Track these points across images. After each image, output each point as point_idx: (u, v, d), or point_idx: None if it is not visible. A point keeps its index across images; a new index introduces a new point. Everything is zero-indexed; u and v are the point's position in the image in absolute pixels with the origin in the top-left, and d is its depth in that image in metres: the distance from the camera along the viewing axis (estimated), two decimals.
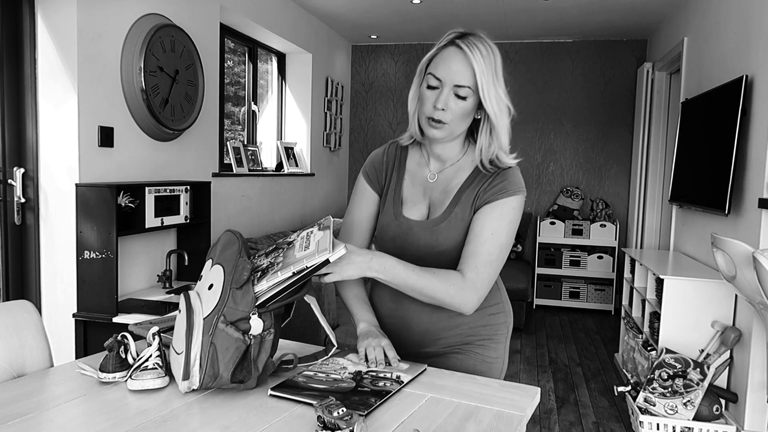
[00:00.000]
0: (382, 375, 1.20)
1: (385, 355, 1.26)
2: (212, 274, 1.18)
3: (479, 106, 1.28)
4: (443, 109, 1.25)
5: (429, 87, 1.27)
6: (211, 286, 1.15)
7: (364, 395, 1.10)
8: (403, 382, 1.17)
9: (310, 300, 1.25)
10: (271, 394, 1.12)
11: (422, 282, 1.23)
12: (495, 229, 1.27)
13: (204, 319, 1.10)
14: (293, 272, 1.11)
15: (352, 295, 1.42)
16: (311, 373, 1.20)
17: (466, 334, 1.37)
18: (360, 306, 1.40)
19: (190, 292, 1.20)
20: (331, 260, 1.12)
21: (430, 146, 1.38)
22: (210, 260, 1.20)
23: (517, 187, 1.30)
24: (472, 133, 1.37)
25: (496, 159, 1.32)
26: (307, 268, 1.12)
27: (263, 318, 1.13)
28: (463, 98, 1.25)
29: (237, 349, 1.10)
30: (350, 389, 1.13)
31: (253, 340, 1.12)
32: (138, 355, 1.20)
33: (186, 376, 1.09)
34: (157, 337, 1.18)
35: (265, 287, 1.13)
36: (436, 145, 1.35)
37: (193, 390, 1.12)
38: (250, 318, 1.11)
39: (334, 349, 1.29)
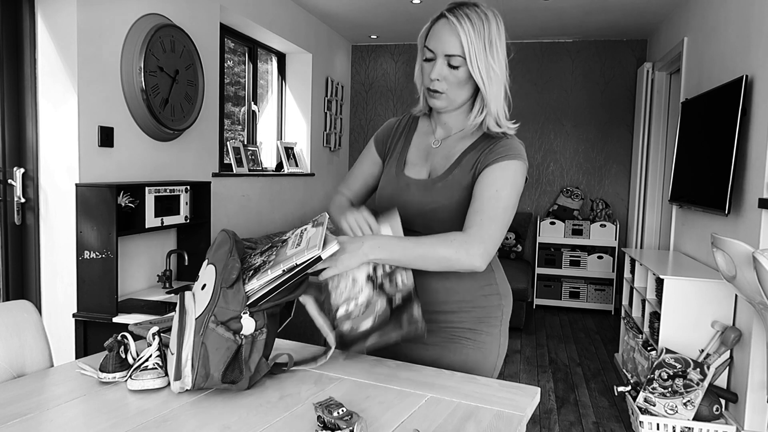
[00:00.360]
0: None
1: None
2: (206, 274, 1.17)
3: None
4: (438, 80, 1.30)
5: (425, 60, 1.33)
6: (204, 286, 1.15)
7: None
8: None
9: (305, 300, 1.23)
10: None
11: (422, 247, 1.21)
12: (498, 187, 1.27)
13: (195, 319, 1.10)
14: (283, 270, 1.10)
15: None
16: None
17: (458, 316, 1.36)
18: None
19: (186, 292, 1.20)
20: (323, 257, 1.11)
21: (437, 115, 1.43)
22: (206, 260, 1.21)
23: (517, 152, 1.32)
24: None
25: (487, 128, 1.35)
26: (297, 265, 1.10)
27: (255, 317, 1.12)
28: (456, 67, 1.29)
29: (228, 349, 1.09)
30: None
31: (244, 340, 1.11)
32: (138, 355, 1.20)
33: (178, 376, 1.08)
34: (157, 337, 1.18)
35: (256, 286, 1.12)
36: (443, 114, 1.40)
37: (187, 390, 1.11)
38: (241, 317, 1.11)
39: (332, 350, 1.29)
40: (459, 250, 1.20)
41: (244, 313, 1.11)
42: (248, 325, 1.11)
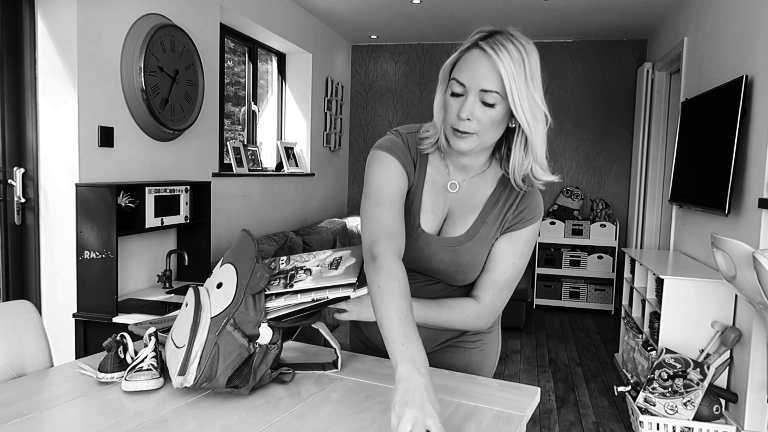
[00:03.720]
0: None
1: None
2: (222, 272, 1.16)
3: (511, 114, 1.14)
4: (469, 119, 1.12)
5: (453, 94, 1.13)
6: (220, 285, 1.14)
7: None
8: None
9: (319, 326, 1.25)
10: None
11: (439, 319, 1.25)
12: (516, 258, 1.26)
13: (212, 318, 1.09)
14: (313, 299, 1.13)
15: (394, 316, 1.02)
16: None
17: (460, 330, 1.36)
18: (404, 332, 0.99)
19: (200, 287, 1.19)
20: (352, 297, 1.13)
21: (455, 155, 1.23)
22: (223, 259, 1.20)
23: (539, 211, 1.27)
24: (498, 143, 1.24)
25: (531, 175, 1.19)
26: (327, 299, 1.13)
27: (273, 330, 1.12)
28: (491, 105, 1.11)
29: (239, 355, 1.08)
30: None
31: (258, 349, 1.11)
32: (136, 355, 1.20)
33: (183, 371, 1.06)
34: (153, 337, 1.18)
35: (281, 305, 1.13)
36: (465, 156, 1.22)
37: (186, 388, 1.09)
38: (260, 325, 1.10)
39: (337, 370, 1.27)
40: (472, 325, 1.27)
41: (262, 322, 1.11)
42: (266, 334, 1.11)
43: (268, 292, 1.16)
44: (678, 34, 4.32)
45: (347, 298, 1.13)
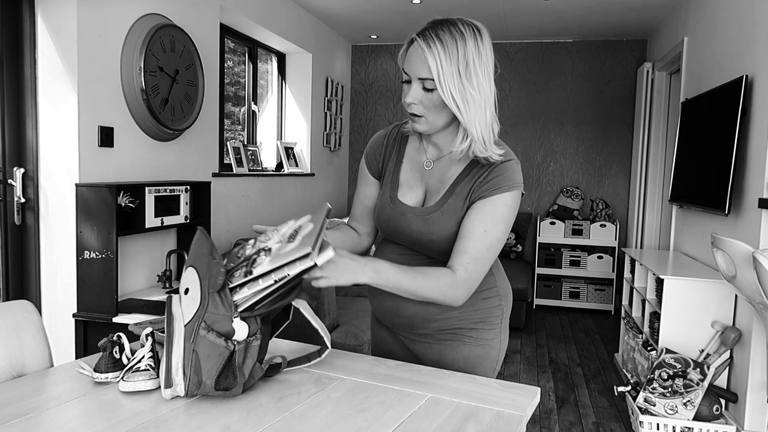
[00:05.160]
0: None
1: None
2: (188, 277, 1.13)
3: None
4: (414, 103, 1.26)
5: (403, 81, 1.29)
6: (187, 290, 1.11)
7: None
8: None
9: (299, 303, 1.21)
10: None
11: (415, 284, 1.23)
12: (488, 226, 1.27)
13: (185, 325, 1.07)
14: (275, 280, 1.07)
15: None
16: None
17: (457, 318, 1.38)
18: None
19: (173, 296, 1.16)
20: (318, 264, 1.06)
21: (426, 135, 1.38)
22: (185, 263, 1.17)
23: (512, 182, 1.28)
24: None
25: (474, 155, 1.29)
26: (289, 276, 1.07)
27: (248, 322, 1.09)
28: (431, 90, 1.23)
29: (220, 355, 1.07)
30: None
31: (237, 346, 1.08)
32: (133, 356, 1.20)
33: (168, 384, 1.06)
34: (150, 337, 1.17)
35: (248, 294, 1.09)
36: (431, 135, 1.35)
37: (179, 396, 1.09)
38: (232, 321, 1.07)
39: (328, 351, 1.28)
40: (446, 295, 1.26)
41: (235, 317, 1.07)
42: (241, 329, 1.08)
43: (231, 285, 1.10)
44: (678, 34, 4.32)
45: (314, 266, 1.06)
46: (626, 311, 3.96)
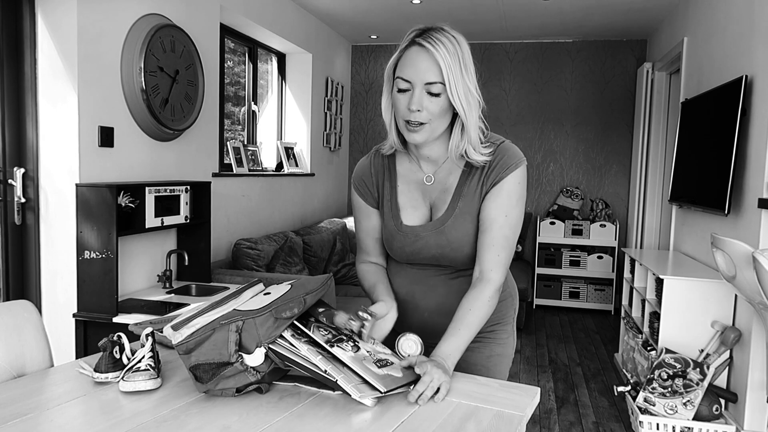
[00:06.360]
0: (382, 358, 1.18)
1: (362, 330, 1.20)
2: (279, 289, 1.17)
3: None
4: (419, 110, 1.22)
5: (400, 90, 1.24)
6: (267, 294, 1.15)
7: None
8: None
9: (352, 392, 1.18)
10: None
11: (474, 328, 1.26)
12: (507, 210, 1.29)
13: (235, 309, 1.11)
14: (326, 370, 1.08)
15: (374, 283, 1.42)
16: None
17: None
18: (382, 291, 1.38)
19: (256, 285, 1.22)
20: (368, 405, 1.08)
21: (416, 150, 1.34)
22: (290, 282, 1.22)
23: (517, 159, 1.30)
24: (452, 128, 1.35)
25: (465, 154, 1.30)
26: (339, 379, 1.08)
27: (267, 357, 1.10)
28: (437, 95, 1.21)
29: (220, 354, 1.07)
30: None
31: (237, 365, 1.08)
32: (133, 355, 1.20)
33: (177, 327, 1.10)
34: (150, 337, 1.18)
35: (302, 351, 1.09)
36: (422, 147, 1.32)
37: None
38: (258, 345, 1.08)
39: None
40: (494, 301, 1.29)
41: (259, 346, 1.08)
42: (257, 356, 1.08)
43: (303, 329, 1.13)
44: (678, 34, 4.32)
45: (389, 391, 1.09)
46: (626, 311, 3.96)
